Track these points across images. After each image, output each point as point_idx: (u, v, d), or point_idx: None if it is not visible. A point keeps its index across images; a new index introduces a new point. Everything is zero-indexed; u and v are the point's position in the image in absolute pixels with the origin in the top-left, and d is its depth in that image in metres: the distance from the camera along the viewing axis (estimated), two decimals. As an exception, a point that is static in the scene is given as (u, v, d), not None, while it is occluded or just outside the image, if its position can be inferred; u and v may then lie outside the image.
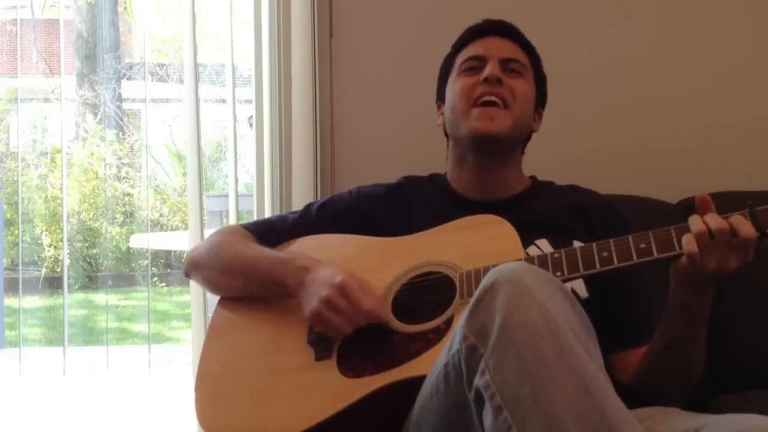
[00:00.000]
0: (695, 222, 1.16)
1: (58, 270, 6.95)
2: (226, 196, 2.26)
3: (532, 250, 1.37)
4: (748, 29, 2.17)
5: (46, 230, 7.15)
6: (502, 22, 1.57)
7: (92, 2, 8.03)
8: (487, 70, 1.47)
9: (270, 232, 1.56)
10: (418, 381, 1.17)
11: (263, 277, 1.43)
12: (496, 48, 1.52)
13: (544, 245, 1.40)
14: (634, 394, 1.20)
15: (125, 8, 8.68)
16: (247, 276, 1.46)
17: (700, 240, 1.14)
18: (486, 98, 1.46)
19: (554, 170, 1.59)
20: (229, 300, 1.51)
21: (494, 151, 1.50)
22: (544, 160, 1.50)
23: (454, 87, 1.53)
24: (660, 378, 1.32)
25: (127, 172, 7.79)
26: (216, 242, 1.55)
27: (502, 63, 1.50)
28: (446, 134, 1.60)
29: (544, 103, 1.61)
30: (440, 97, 1.61)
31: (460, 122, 1.49)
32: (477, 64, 1.51)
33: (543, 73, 1.60)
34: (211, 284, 1.56)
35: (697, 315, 1.23)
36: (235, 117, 2.24)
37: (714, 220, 1.15)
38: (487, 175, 1.52)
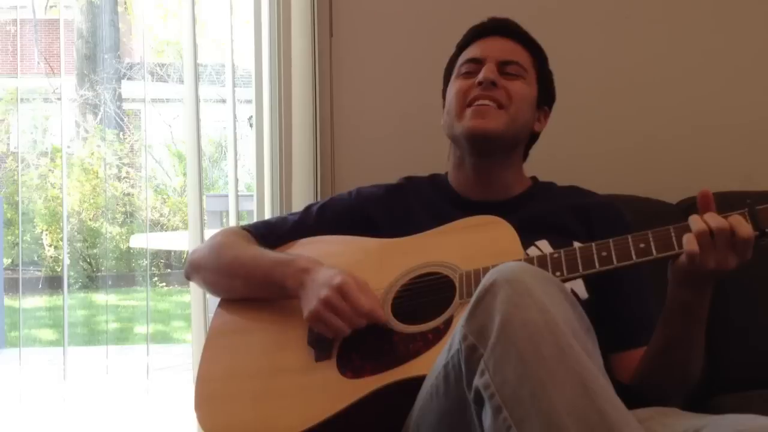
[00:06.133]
0: (696, 221, 1.16)
1: (59, 270, 6.95)
2: (226, 196, 2.26)
3: (532, 252, 1.37)
4: (749, 29, 2.17)
5: (46, 230, 7.15)
6: (504, 21, 1.56)
7: (93, 2, 8.02)
8: (482, 74, 1.47)
9: (270, 233, 1.56)
10: (417, 381, 1.17)
11: (263, 278, 1.43)
12: (495, 49, 1.51)
13: (544, 247, 1.40)
14: (634, 395, 1.20)
15: (125, 8, 8.68)
16: (247, 277, 1.46)
17: (701, 240, 1.14)
18: (480, 102, 1.46)
19: (555, 170, 1.59)
20: (229, 301, 1.51)
21: (490, 151, 1.50)
22: (545, 160, 1.50)
23: (450, 90, 1.53)
24: (659, 378, 1.31)
25: (127, 172, 7.78)
26: (216, 244, 1.55)
27: (499, 65, 1.49)
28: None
29: (551, 102, 1.59)
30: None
31: (455, 124, 1.49)
32: (474, 67, 1.51)
33: (548, 71, 1.58)
34: (211, 286, 1.56)
35: (696, 313, 1.23)
36: (235, 117, 2.24)
37: (714, 220, 1.15)
38: (485, 176, 1.52)
